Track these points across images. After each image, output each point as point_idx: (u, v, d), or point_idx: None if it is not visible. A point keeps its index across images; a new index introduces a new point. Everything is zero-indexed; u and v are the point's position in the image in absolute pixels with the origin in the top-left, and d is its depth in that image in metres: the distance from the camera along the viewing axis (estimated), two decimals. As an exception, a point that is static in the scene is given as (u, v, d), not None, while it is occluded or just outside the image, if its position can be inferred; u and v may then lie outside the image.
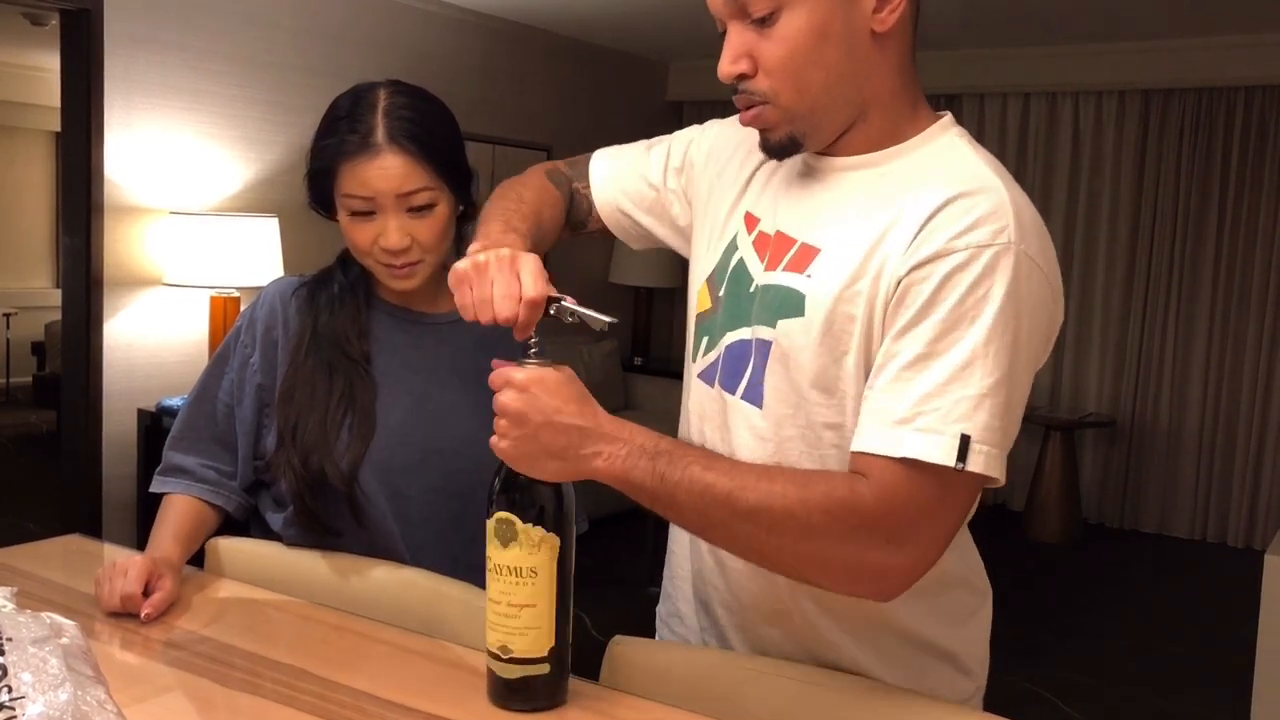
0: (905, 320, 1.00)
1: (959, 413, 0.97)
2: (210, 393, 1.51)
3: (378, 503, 1.42)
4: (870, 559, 1.00)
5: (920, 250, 1.00)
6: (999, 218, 0.99)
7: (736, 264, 1.18)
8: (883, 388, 1.00)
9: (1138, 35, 5.13)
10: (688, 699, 1.13)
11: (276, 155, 4.13)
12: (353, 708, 1.09)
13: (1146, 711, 3.50)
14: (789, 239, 1.12)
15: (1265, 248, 5.20)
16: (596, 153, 1.39)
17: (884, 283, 1.02)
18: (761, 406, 1.12)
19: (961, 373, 0.97)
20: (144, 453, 3.71)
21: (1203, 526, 5.43)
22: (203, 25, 3.89)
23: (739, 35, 1.06)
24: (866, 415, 1.01)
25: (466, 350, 1.51)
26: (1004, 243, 0.98)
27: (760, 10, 1.03)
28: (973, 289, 0.98)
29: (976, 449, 0.96)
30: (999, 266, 0.98)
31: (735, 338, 1.15)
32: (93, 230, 3.60)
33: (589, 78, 5.77)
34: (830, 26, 1.03)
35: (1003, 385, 0.98)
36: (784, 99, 1.06)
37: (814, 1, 1.02)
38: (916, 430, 0.97)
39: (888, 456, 0.98)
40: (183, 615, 1.32)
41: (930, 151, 1.09)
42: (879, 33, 1.05)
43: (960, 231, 0.99)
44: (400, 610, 1.36)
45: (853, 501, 0.98)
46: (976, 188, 1.01)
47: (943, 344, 0.98)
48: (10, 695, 0.93)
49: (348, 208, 1.40)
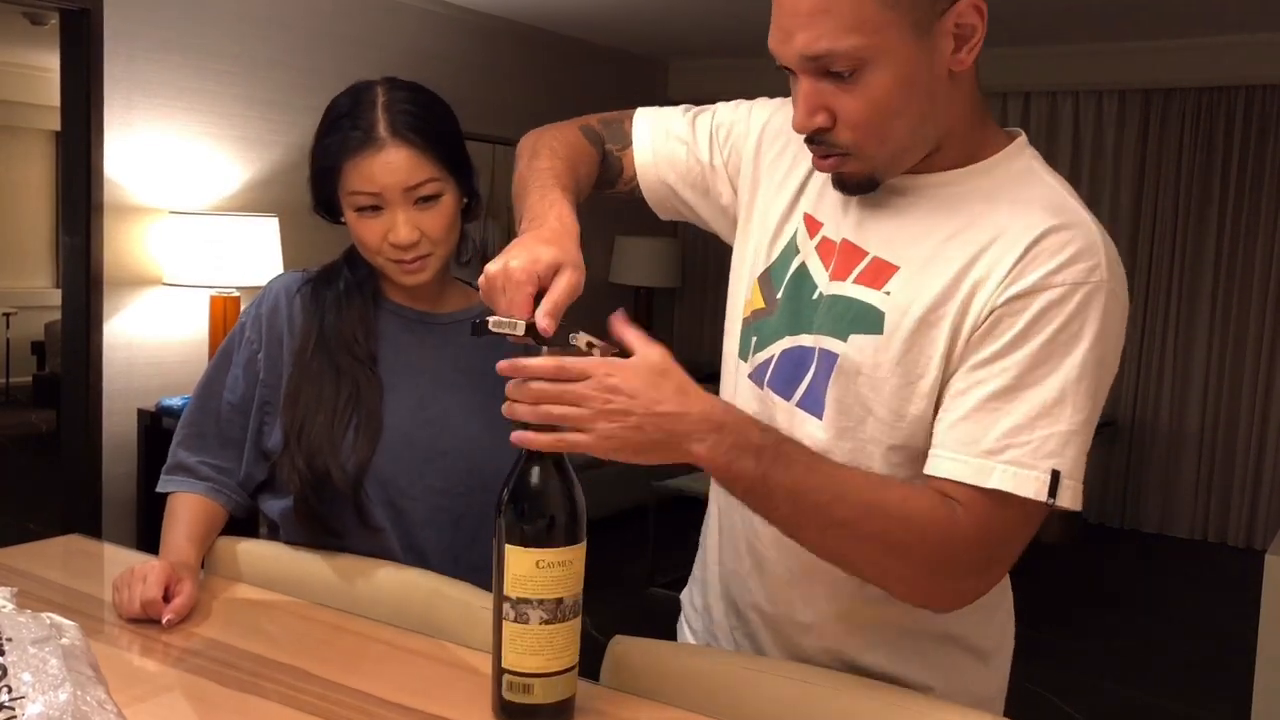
0: (993, 350, 1.00)
1: (1049, 448, 0.98)
2: (215, 390, 1.51)
3: (381, 504, 1.42)
4: (952, 582, 1.03)
5: (1018, 282, 1.00)
6: (1093, 254, 1.00)
7: (799, 268, 1.15)
8: (967, 415, 1.00)
9: (1138, 35, 5.13)
10: (688, 699, 1.13)
11: (276, 155, 4.13)
12: (353, 708, 1.09)
13: (1146, 711, 3.50)
14: (859, 249, 1.10)
15: (1265, 248, 5.19)
16: (637, 113, 1.33)
17: (974, 310, 1.02)
18: (822, 418, 1.10)
19: (1053, 409, 0.98)
20: (144, 452, 3.71)
21: (1203, 526, 5.43)
22: (202, 25, 3.89)
23: (814, 87, 1.01)
24: (950, 441, 1.01)
25: (470, 350, 1.51)
26: (1097, 280, 0.99)
27: (843, 67, 0.99)
28: (1066, 325, 0.98)
29: (1066, 484, 0.98)
30: (1092, 304, 0.99)
31: (794, 343, 1.13)
32: (93, 230, 3.60)
33: (589, 77, 5.76)
34: (914, 76, 1.00)
35: (1090, 422, 1.00)
36: (867, 150, 1.04)
37: (897, 55, 0.98)
38: (1005, 463, 0.98)
39: (977, 487, 0.98)
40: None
41: (1011, 175, 1.07)
42: (957, 72, 1.02)
43: (1058, 267, 0.99)
44: (400, 611, 1.36)
45: (950, 529, 0.99)
46: (1070, 221, 1.01)
47: (1032, 377, 0.99)
48: (10, 695, 0.93)
49: (354, 204, 1.40)
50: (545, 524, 1.00)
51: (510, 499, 1.00)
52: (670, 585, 4.30)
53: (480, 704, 1.11)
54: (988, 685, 1.21)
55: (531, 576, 0.99)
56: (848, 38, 0.97)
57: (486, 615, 1.28)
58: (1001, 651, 1.22)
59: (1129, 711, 3.51)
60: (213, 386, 1.51)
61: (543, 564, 0.99)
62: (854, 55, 0.97)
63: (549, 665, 1.01)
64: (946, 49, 1.00)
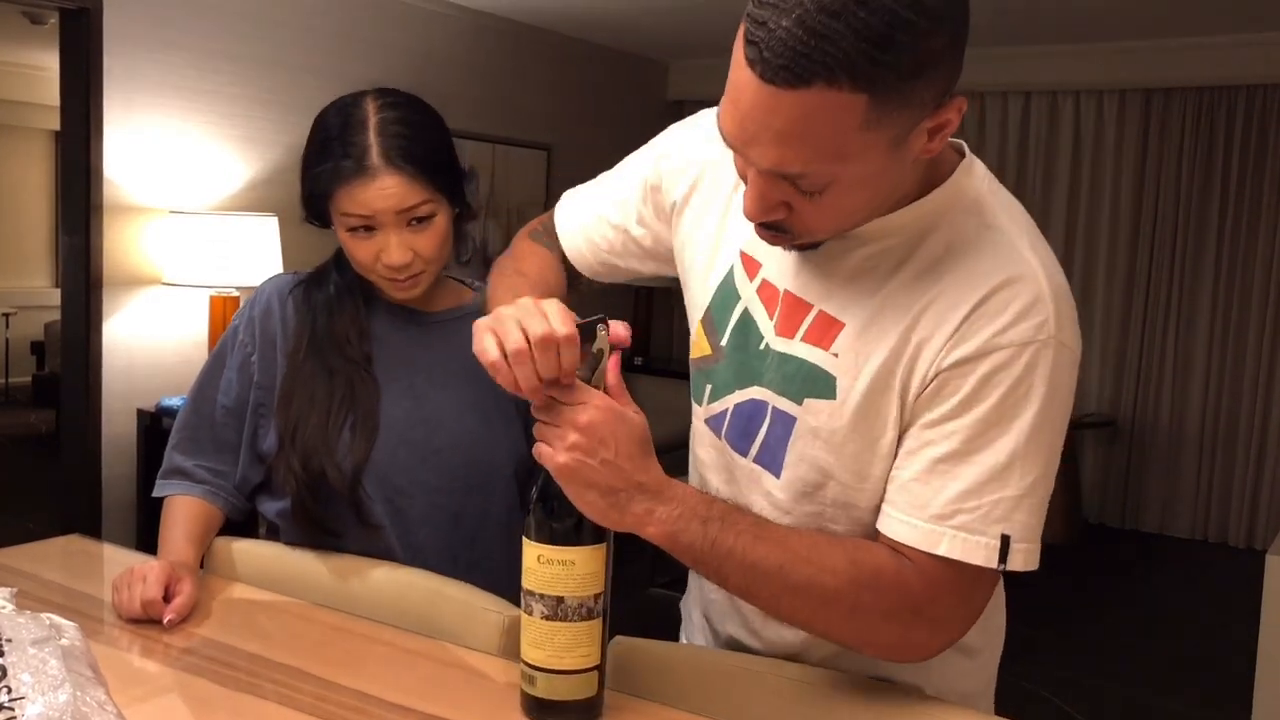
0: (942, 412, 0.98)
1: (998, 514, 0.97)
2: (208, 394, 1.51)
3: (379, 503, 1.42)
4: (911, 638, 1.02)
5: (961, 346, 0.97)
6: (1040, 309, 0.96)
7: (742, 316, 1.12)
8: (916, 477, 0.99)
9: (1138, 35, 5.13)
10: (688, 699, 1.13)
11: (276, 155, 4.13)
12: (352, 708, 1.09)
13: (1146, 711, 3.50)
14: (803, 303, 1.06)
15: (1265, 248, 5.19)
16: (559, 205, 1.33)
17: (919, 370, 0.99)
18: (779, 477, 1.09)
19: (1002, 473, 0.97)
20: (144, 453, 3.71)
21: (1203, 526, 5.43)
22: (203, 24, 3.89)
23: (771, 186, 0.93)
24: (899, 502, 1.00)
25: (464, 348, 1.51)
26: (1044, 337, 0.96)
27: (809, 186, 0.92)
28: (1014, 388, 0.96)
29: (1016, 548, 0.98)
30: (1039, 363, 0.96)
31: (745, 396, 1.11)
32: (92, 230, 3.60)
33: (589, 78, 5.76)
34: (883, 179, 0.95)
35: (1041, 482, 0.98)
36: (821, 236, 1.01)
37: (869, 169, 0.91)
38: (954, 528, 0.97)
39: (926, 552, 0.98)
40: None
41: (957, 214, 1.01)
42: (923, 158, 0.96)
43: (1003, 328, 0.96)
44: (400, 611, 1.36)
45: (900, 586, 0.99)
46: (1016, 274, 0.97)
47: (981, 441, 0.97)
48: (10, 696, 0.93)
49: (346, 225, 1.40)
50: (549, 520, 1.02)
51: (535, 492, 1.03)
52: (670, 585, 4.30)
53: (480, 703, 1.11)
54: (974, 680, 1.20)
55: (533, 570, 1.03)
56: (822, 164, 0.89)
57: (487, 615, 1.29)
58: (990, 648, 1.22)
59: (1129, 711, 3.51)
60: (206, 391, 1.51)
61: (543, 559, 1.01)
62: (826, 179, 0.91)
63: (549, 661, 1.03)
64: (919, 144, 0.93)
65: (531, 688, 1.04)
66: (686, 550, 1.00)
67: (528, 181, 5.46)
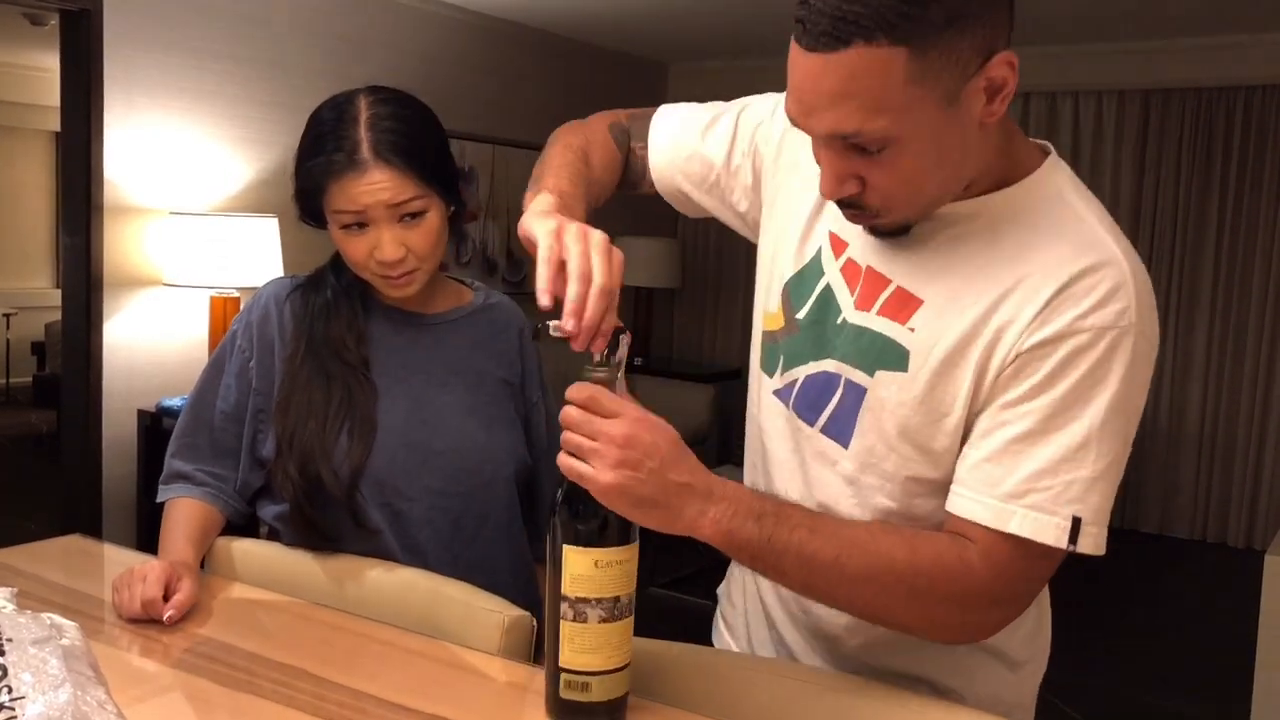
0: (1020, 393, 0.99)
1: (1071, 494, 0.98)
2: (207, 399, 1.51)
3: (377, 507, 1.42)
4: (972, 620, 1.04)
5: (1045, 328, 0.98)
6: (1123, 297, 0.98)
7: (823, 290, 1.13)
8: (990, 456, 1.00)
9: (1138, 35, 5.13)
10: (688, 699, 1.13)
11: (276, 155, 4.13)
12: (352, 708, 1.09)
13: (1146, 711, 3.50)
14: (883, 278, 1.08)
15: (1265, 248, 5.19)
16: (659, 113, 1.32)
17: (1000, 352, 1.00)
18: (847, 447, 1.10)
19: (1076, 454, 0.98)
20: (144, 453, 3.71)
21: (1203, 526, 5.43)
22: (202, 25, 3.89)
23: (841, 158, 0.98)
24: (971, 481, 1.01)
25: (463, 350, 1.51)
26: (1125, 325, 0.98)
27: (871, 145, 0.95)
28: (1092, 371, 0.97)
29: (1087, 531, 0.98)
30: (1119, 349, 0.97)
31: (818, 368, 1.12)
32: (92, 230, 3.60)
33: (589, 78, 5.76)
34: (945, 142, 0.96)
35: (1115, 466, 1.00)
36: (899, 211, 1.02)
37: (928, 128, 0.94)
38: (1026, 507, 0.98)
39: (995, 530, 0.98)
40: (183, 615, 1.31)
41: (1041, 201, 1.04)
42: (988, 123, 0.98)
43: (1085, 311, 0.97)
44: (400, 610, 1.36)
45: (962, 571, 0.99)
46: (1101, 260, 0.99)
47: (1057, 422, 0.98)
48: (10, 696, 0.93)
49: (339, 222, 1.40)
50: (600, 524, 1.00)
51: (565, 500, 1.01)
52: (670, 585, 4.30)
53: (480, 703, 1.11)
54: (1016, 692, 1.20)
55: (590, 576, 1.00)
56: (875, 119, 0.93)
57: (487, 615, 1.29)
58: (1034, 661, 1.22)
59: (1129, 711, 3.51)
60: (205, 396, 1.51)
61: (601, 564, 1.01)
62: (882, 135, 0.94)
63: (607, 663, 1.02)
64: (978, 106, 0.96)
65: (586, 694, 1.02)
66: (743, 547, 1.00)
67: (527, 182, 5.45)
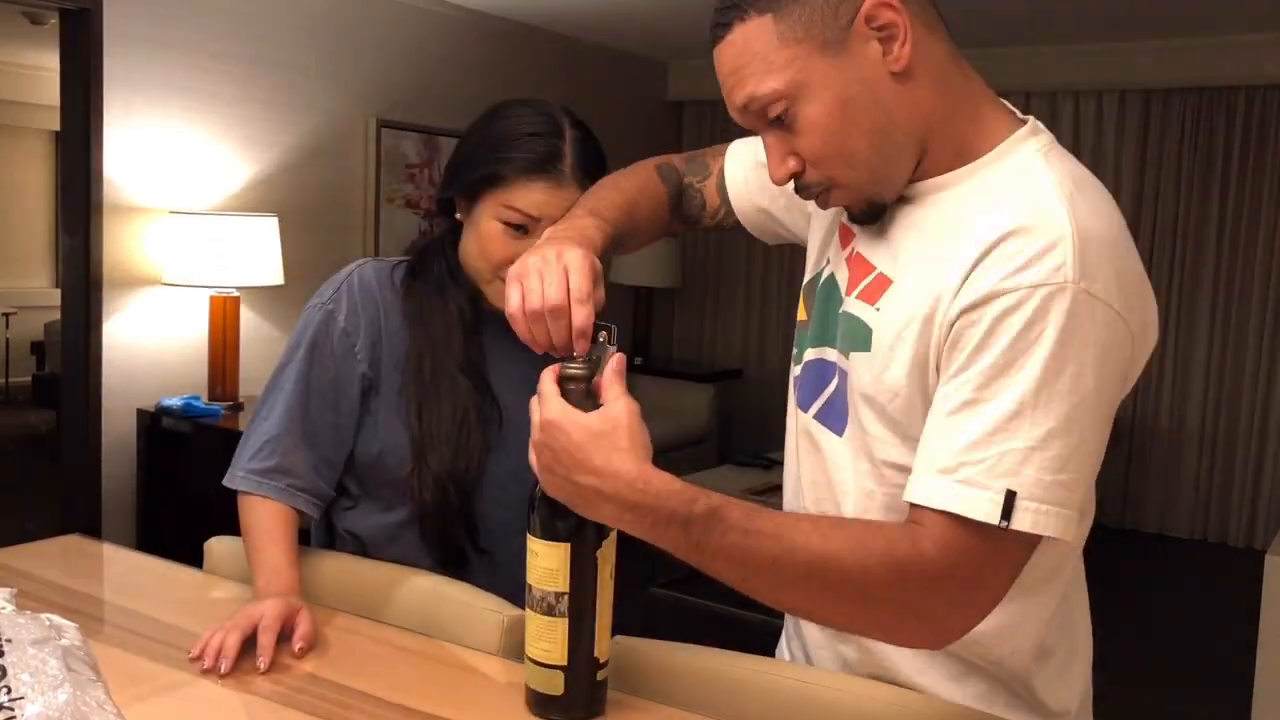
0: (957, 364, 0.96)
1: (1004, 467, 0.91)
2: (315, 384, 1.41)
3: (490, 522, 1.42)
4: (929, 618, 0.96)
5: (971, 291, 0.95)
6: (1058, 254, 0.92)
7: (828, 278, 1.15)
8: (930, 434, 0.97)
9: (1138, 35, 5.13)
10: (688, 699, 1.13)
11: (276, 155, 4.13)
12: (352, 708, 1.09)
13: (1147, 711, 3.50)
14: (867, 264, 1.09)
15: (1265, 248, 5.19)
16: (730, 146, 1.34)
17: (937, 323, 0.98)
18: (841, 435, 1.10)
19: (1008, 423, 0.92)
20: (144, 453, 3.71)
21: (1203, 526, 5.43)
22: (202, 25, 3.89)
23: (774, 138, 1.04)
24: (918, 461, 0.97)
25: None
26: (1059, 282, 0.91)
27: (776, 112, 1.01)
28: (1023, 333, 0.92)
29: (1024, 506, 0.91)
30: (1052, 308, 0.91)
31: (817, 355, 1.14)
32: (92, 230, 3.60)
33: (589, 78, 5.76)
34: (846, 94, 0.99)
35: (1057, 436, 0.92)
36: (841, 178, 1.03)
37: (820, 81, 0.98)
38: (958, 482, 0.93)
39: (932, 509, 0.94)
40: (182, 615, 1.31)
41: (1004, 170, 1.02)
42: (899, 71, 0.99)
43: (1013, 270, 0.93)
44: (400, 610, 1.36)
45: (915, 558, 0.94)
46: (1038, 219, 0.94)
47: (989, 391, 0.93)
48: (10, 696, 0.93)
49: (503, 218, 1.37)
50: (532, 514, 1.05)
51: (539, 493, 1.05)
52: (670, 585, 4.30)
53: (480, 703, 1.11)
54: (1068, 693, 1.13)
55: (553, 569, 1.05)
56: (764, 82, 0.99)
57: (487, 615, 1.29)
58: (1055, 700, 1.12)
59: (1129, 711, 3.51)
60: (309, 382, 1.41)
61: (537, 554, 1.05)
62: (776, 97, 1.00)
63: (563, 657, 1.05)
64: (875, 54, 0.98)
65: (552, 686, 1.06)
66: (673, 550, 0.97)
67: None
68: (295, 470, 1.39)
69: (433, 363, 1.41)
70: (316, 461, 1.41)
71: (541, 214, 1.35)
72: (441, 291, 1.45)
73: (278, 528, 1.36)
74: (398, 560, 1.43)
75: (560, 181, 1.35)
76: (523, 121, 1.39)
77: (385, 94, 4.50)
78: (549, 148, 1.36)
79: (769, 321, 6.34)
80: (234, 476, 1.40)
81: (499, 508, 1.42)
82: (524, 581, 1.42)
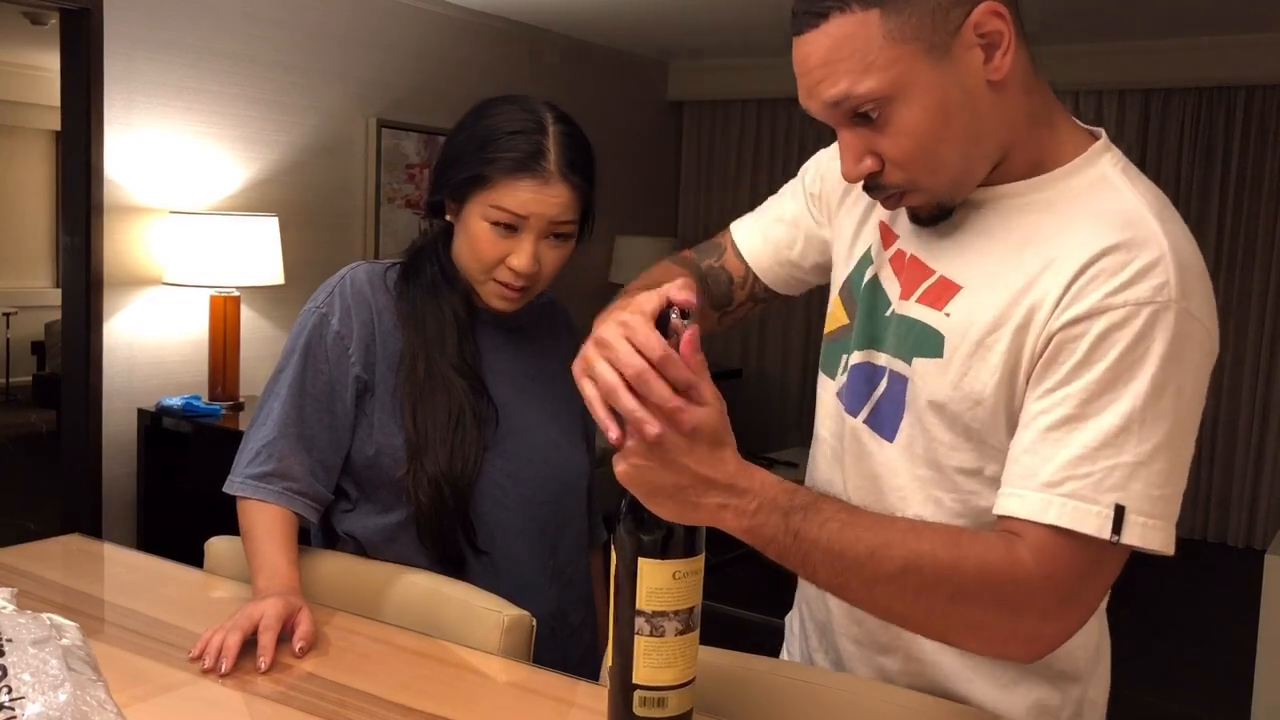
0: (1056, 378, 0.95)
1: (1112, 481, 0.92)
2: (309, 389, 1.41)
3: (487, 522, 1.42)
4: (1023, 627, 0.95)
5: (1075, 305, 0.94)
6: (1160, 272, 0.93)
7: (871, 280, 1.13)
8: (1028, 447, 0.95)
9: (1138, 35, 5.13)
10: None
11: (276, 155, 4.13)
12: (352, 708, 1.09)
13: (1146, 711, 3.50)
14: (926, 268, 1.07)
15: (1265, 248, 5.19)
16: (731, 227, 1.35)
17: (1032, 334, 0.97)
18: (893, 440, 1.08)
19: (1115, 438, 0.92)
20: (144, 453, 3.71)
21: (1203, 526, 5.44)
22: (203, 25, 3.89)
23: (853, 134, 1.00)
24: (1013, 475, 0.96)
25: (541, 354, 1.51)
26: (1164, 300, 0.92)
27: (869, 109, 0.97)
28: (1130, 350, 0.92)
29: (1133, 520, 0.92)
30: (1158, 325, 0.92)
31: (865, 359, 1.12)
32: (92, 230, 3.60)
33: (589, 78, 5.76)
34: (947, 100, 0.96)
35: (1162, 451, 0.93)
36: (924, 182, 1.01)
37: (921, 85, 0.95)
38: (1064, 496, 0.93)
39: (1036, 522, 0.93)
40: (182, 615, 1.32)
41: (1082, 184, 1.02)
42: (996, 81, 0.97)
43: (1118, 287, 0.93)
44: (400, 610, 1.36)
45: (1011, 568, 0.93)
46: (1137, 236, 0.95)
47: (1094, 406, 0.93)
48: (10, 696, 0.93)
49: (490, 218, 1.37)
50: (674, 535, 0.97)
51: (629, 509, 0.97)
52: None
53: (480, 703, 1.11)
54: None
55: (669, 588, 0.97)
56: (862, 80, 0.95)
57: (487, 615, 1.29)
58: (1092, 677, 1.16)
59: (1129, 711, 3.51)
60: (302, 384, 1.41)
61: (679, 574, 0.97)
62: (874, 96, 0.96)
63: (682, 676, 1.00)
64: (976, 61, 0.96)
65: (662, 710, 1.00)
66: (769, 544, 0.94)
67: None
68: (293, 474, 1.39)
69: (427, 363, 1.41)
70: (313, 465, 1.41)
71: (529, 212, 1.35)
72: (435, 292, 1.45)
73: (277, 529, 1.36)
74: (397, 562, 1.43)
75: (546, 179, 1.35)
76: (505, 120, 1.38)
77: (385, 94, 4.50)
78: (533, 145, 1.35)
79: (768, 322, 6.34)
80: (233, 483, 1.40)
81: (497, 508, 1.42)
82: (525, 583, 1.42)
